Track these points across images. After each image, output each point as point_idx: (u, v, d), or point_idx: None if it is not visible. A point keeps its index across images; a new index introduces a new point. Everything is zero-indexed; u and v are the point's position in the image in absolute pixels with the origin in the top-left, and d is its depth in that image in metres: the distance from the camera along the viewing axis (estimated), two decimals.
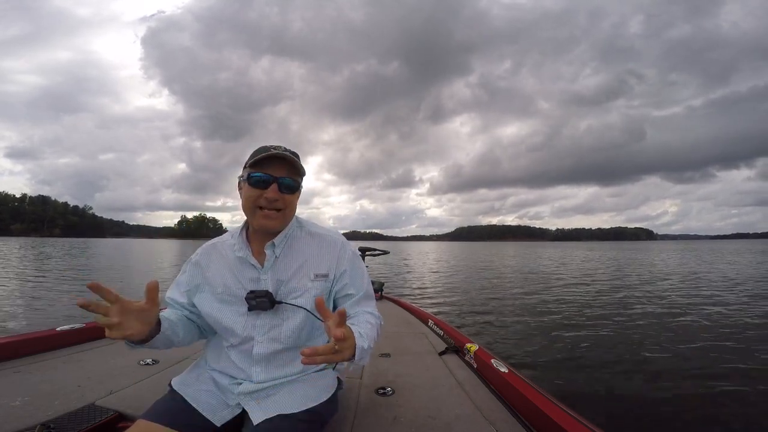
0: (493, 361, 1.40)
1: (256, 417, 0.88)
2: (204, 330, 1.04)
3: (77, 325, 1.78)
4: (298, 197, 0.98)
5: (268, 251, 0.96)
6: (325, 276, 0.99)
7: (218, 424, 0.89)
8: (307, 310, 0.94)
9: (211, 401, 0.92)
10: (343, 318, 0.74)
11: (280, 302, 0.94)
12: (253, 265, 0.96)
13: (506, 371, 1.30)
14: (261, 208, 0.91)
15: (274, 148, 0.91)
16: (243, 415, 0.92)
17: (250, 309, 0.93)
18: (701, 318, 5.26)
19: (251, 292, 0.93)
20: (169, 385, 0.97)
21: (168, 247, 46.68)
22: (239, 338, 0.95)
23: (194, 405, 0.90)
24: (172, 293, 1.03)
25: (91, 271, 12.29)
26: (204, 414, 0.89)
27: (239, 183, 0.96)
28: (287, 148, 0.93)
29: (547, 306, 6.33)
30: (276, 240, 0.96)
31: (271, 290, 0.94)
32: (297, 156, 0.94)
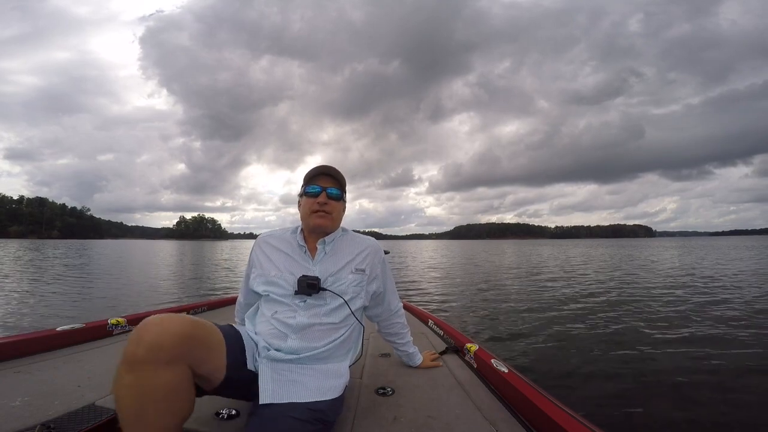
0: (493, 361, 1.41)
1: (265, 397, 0.92)
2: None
3: (77, 325, 1.78)
4: (344, 208, 1.26)
5: (319, 246, 1.19)
6: (363, 271, 1.22)
7: (249, 366, 1.00)
8: (345, 301, 1.14)
9: (249, 345, 1.04)
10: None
11: (325, 289, 1.13)
12: (307, 257, 1.19)
13: (506, 371, 1.31)
14: (315, 212, 1.17)
15: (323, 167, 1.21)
16: (255, 391, 0.96)
17: (297, 291, 1.10)
18: (701, 317, 5.26)
19: (303, 276, 1.12)
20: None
21: (166, 247, 46.62)
22: (285, 307, 1.11)
23: (244, 338, 1.04)
24: (245, 297, 1.32)
25: (90, 270, 12.26)
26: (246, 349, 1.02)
27: (299, 201, 1.25)
28: (332, 166, 1.22)
29: (547, 305, 6.33)
30: (327, 238, 1.21)
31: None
32: (340, 174, 1.22)
